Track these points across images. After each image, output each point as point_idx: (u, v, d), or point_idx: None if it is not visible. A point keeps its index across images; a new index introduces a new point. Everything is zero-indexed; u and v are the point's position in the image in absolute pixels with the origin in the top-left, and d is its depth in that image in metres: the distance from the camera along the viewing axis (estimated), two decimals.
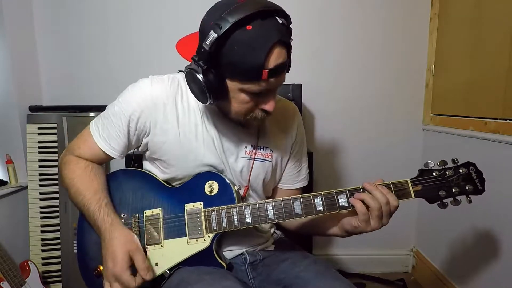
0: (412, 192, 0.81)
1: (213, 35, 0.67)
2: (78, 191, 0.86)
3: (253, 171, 0.94)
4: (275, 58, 0.71)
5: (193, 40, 0.82)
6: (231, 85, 0.75)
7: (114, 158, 0.92)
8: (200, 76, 0.72)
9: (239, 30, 0.68)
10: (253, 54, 0.69)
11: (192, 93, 0.79)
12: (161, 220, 0.88)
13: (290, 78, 0.88)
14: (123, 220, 0.89)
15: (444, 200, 0.81)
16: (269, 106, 0.79)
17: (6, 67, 1.65)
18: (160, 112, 0.86)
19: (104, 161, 0.93)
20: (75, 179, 0.88)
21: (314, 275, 0.87)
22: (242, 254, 0.96)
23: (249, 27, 0.68)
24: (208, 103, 0.77)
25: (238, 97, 0.76)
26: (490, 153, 1.33)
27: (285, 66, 0.75)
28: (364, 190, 0.81)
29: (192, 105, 0.89)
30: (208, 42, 0.68)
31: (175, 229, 0.86)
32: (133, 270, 0.78)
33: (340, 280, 0.86)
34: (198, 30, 0.76)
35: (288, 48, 0.74)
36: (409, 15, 1.82)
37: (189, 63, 0.76)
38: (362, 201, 0.79)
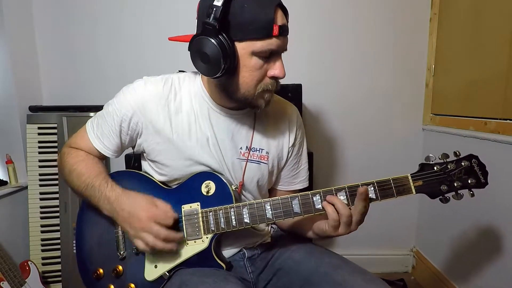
0: (412, 187, 0.80)
1: None
2: (81, 173, 0.88)
3: (248, 172, 0.93)
4: (280, 17, 0.76)
5: (185, 36, 0.83)
6: (242, 49, 0.75)
7: (108, 157, 0.93)
8: (213, 40, 0.72)
9: None
10: (263, 11, 0.72)
11: (200, 66, 0.78)
12: None
13: (290, 78, 0.89)
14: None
15: (446, 195, 0.80)
16: (279, 71, 0.79)
17: (6, 67, 1.65)
18: (153, 113, 0.87)
19: (100, 158, 0.95)
20: (77, 163, 0.90)
21: (304, 254, 0.90)
22: (240, 250, 0.96)
23: None
24: (220, 73, 0.75)
25: (249, 63, 0.77)
26: (490, 153, 1.32)
27: (288, 29, 0.78)
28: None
29: (185, 105, 0.89)
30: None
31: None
32: None
33: (327, 254, 0.89)
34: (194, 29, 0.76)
35: (286, 14, 0.78)
36: (409, 15, 1.82)
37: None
38: (334, 205, 0.79)
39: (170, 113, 0.88)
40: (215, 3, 0.70)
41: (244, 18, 0.72)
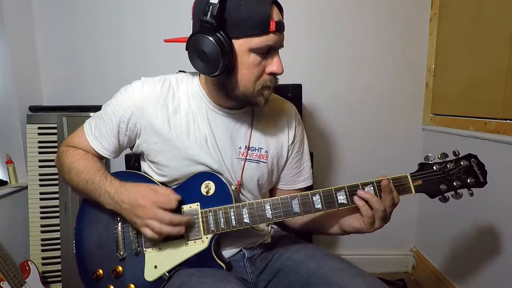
0: (412, 187, 0.80)
1: None
2: (80, 171, 0.88)
3: (247, 172, 0.93)
4: (276, 13, 0.77)
5: (181, 38, 0.84)
6: (239, 46, 0.76)
7: (106, 157, 0.94)
8: (211, 38, 0.72)
9: None
10: (259, 7, 0.73)
11: (198, 65, 0.78)
12: None
13: (290, 78, 0.89)
14: (119, 223, 0.90)
15: (445, 194, 0.80)
16: (277, 67, 0.80)
17: (6, 67, 1.65)
18: (151, 114, 0.87)
19: (97, 157, 0.95)
20: (75, 161, 0.90)
21: (305, 256, 0.89)
22: (240, 250, 0.96)
23: None
24: (218, 71, 0.75)
25: (247, 60, 0.77)
26: (490, 153, 1.32)
27: (284, 25, 0.79)
28: (363, 187, 0.80)
29: (183, 105, 0.89)
30: None
31: None
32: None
33: (328, 257, 0.88)
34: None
35: (281, 11, 0.79)
36: (409, 15, 1.82)
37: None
38: (366, 202, 0.78)
39: (169, 114, 0.88)
40: (211, 1, 0.70)
41: (240, 15, 0.73)
